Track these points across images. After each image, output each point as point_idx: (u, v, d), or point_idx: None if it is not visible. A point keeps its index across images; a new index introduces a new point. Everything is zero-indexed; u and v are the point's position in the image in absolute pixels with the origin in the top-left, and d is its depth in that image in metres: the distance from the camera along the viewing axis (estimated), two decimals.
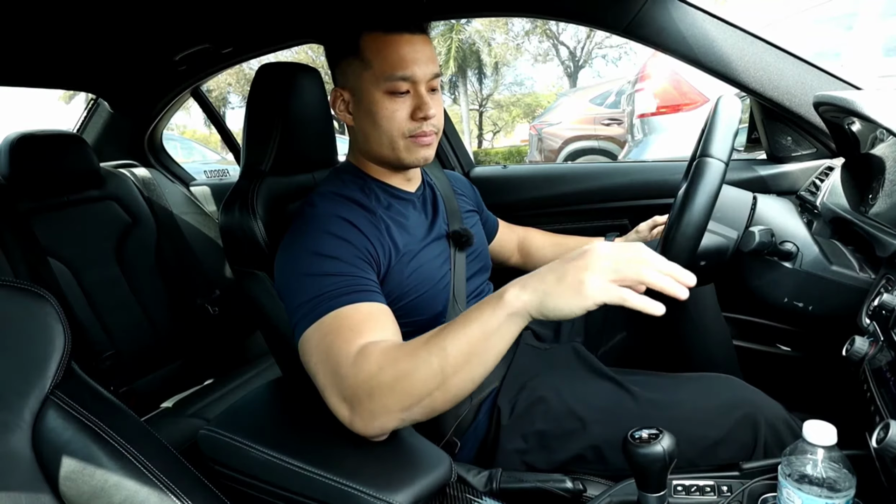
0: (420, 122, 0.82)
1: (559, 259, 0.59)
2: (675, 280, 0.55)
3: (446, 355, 0.60)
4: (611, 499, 0.71)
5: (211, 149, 7.63)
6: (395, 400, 0.62)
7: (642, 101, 3.82)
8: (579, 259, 0.57)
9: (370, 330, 0.68)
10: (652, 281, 0.55)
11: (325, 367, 0.67)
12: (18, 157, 1.44)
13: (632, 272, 0.55)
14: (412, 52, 0.81)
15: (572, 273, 0.56)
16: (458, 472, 0.77)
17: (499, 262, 1.25)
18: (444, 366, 0.60)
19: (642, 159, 3.46)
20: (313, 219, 0.80)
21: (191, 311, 1.75)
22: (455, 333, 0.60)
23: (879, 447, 0.51)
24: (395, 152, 0.85)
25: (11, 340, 0.58)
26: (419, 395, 0.61)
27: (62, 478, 0.56)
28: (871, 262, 0.87)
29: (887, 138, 0.96)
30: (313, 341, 0.69)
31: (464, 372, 0.60)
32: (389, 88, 0.81)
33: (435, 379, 0.60)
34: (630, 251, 0.56)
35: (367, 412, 0.63)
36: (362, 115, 0.85)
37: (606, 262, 0.55)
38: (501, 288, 0.60)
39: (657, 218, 1.16)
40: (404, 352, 0.63)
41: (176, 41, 1.43)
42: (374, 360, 0.63)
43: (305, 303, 0.72)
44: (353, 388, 0.64)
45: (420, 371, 0.60)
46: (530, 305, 0.57)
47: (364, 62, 0.82)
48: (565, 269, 0.56)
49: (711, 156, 0.76)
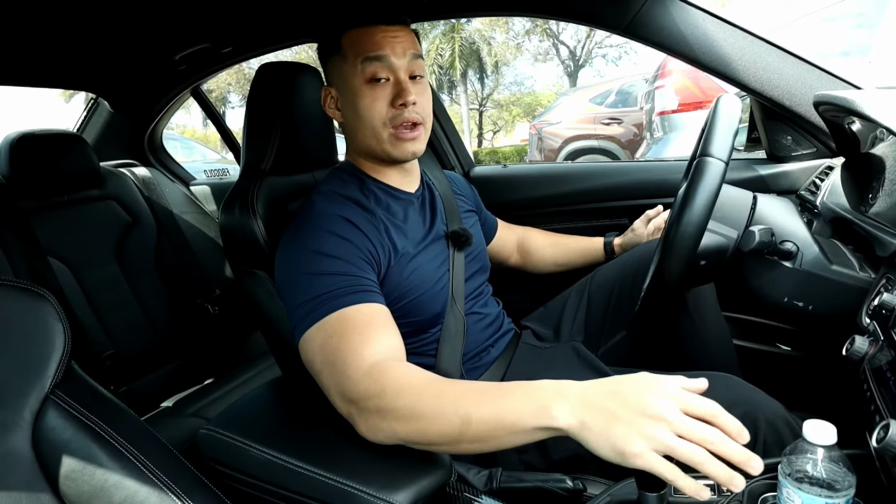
0: (400, 109, 0.82)
1: (620, 391, 0.51)
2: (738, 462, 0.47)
3: (469, 424, 0.58)
4: (611, 498, 0.71)
5: (211, 148, 7.63)
6: (405, 431, 0.62)
7: (662, 98, 3.81)
8: (637, 413, 0.49)
9: (375, 333, 0.69)
10: (712, 472, 0.47)
11: (330, 369, 0.67)
12: (18, 157, 1.44)
13: (686, 451, 0.47)
14: (386, 36, 0.81)
15: (623, 426, 0.49)
16: (459, 471, 0.77)
17: (498, 262, 1.25)
18: (462, 431, 0.58)
19: (660, 158, 3.44)
20: (314, 218, 0.80)
21: (191, 311, 1.75)
22: (487, 409, 0.57)
23: (879, 447, 0.51)
24: (380, 144, 0.84)
25: (11, 340, 0.58)
26: (429, 440, 0.61)
27: (62, 477, 0.56)
28: (871, 261, 0.87)
29: (887, 138, 0.96)
30: (316, 342, 0.69)
31: (478, 444, 0.59)
32: (368, 75, 0.81)
33: (450, 436, 0.59)
34: (701, 429, 0.48)
35: (374, 425, 0.64)
36: (348, 109, 0.85)
37: (662, 433, 0.48)
38: (553, 388, 0.55)
39: (649, 212, 1.16)
40: (428, 392, 0.61)
41: (176, 41, 1.43)
42: (392, 382, 0.63)
43: (306, 302, 0.72)
44: (363, 398, 0.64)
45: (439, 423, 0.59)
46: (572, 430, 0.53)
47: (343, 56, 0.83)
48: (618, 416, 0.50)
49: (711, 155, 0.76)
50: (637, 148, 5.45)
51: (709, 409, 0.49)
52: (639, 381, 0.52)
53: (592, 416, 0.51)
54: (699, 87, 3.58)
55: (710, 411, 0.49)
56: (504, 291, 1.16)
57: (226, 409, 0.80)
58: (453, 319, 0.90)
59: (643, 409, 0.49)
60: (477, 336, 0.95)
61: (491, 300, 1.04)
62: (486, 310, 1.00)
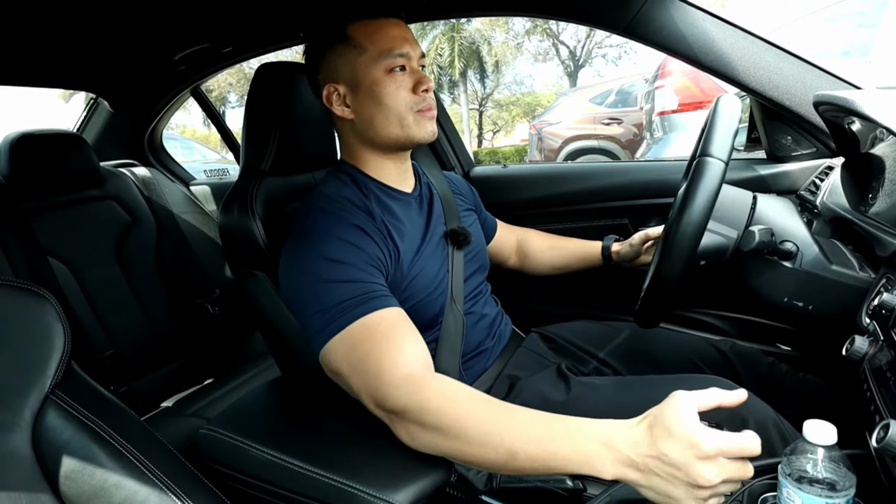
0: (422, 95, 0.85)
1: (667, 457, 0.52)
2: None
3: (515, 459, 0.59)
4: (611, 498, 0.71)
5: (210, 148, 7.63)
6: (446, 447, 0.63)
7: (662, 98, 3.80)
8: (686, 484, 0.52)
9: (402, 339, 0.70)
10: None
11: (361, 377, 0.68)
12: (18, 157, 1.44)
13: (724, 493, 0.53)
14: (401, 32, 0.86)
15: (673, 492, 0.53)
16: (459, 471, 0.77)
17: (497, 263, 1.25)
18: (506, 463, 0.60)
19: (659, 158, 3.44)
20: (319, 224, 0.80)
21: (191, 311, 1.75)
22: (534, 449, 0.58)
23: (879, 447, 0.51)
24: (405, 129, 0.86)
25: (11, 340, 0.58)
26: (469, 461, 0.63)
27: (62, 477, 0.56)
28: (870, 261, 0.87)
29: (887, 138, 0.96)
30: (341, 352, 0.70)
31: (519, 472, 0.61)
32: (388, 66, 0.83)
33: (493, 464, 0.61)
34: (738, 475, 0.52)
35: (416, 435, 0.65)
36: (364, 100, 0.85)
37: (710, 497, 0.52)
38: (599, 441, 0.56)
39: (649, 232, 1.11)
40: (473, 415, 0.62)
41: (176, 41, 1.43)
42: (434, 397, 0.64)
43: (324, 311, 0.72)
44: (403, 409, 0.65)
45: (483, 451, 0.61)
46: (617, 479, 0.56)
47: (357, 48, 0.84)
48: (669, 483, 0.52)
49: (711, 155, 0.76)
50: (637, 148, 5.45)
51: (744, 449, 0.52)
52: (683, 447, 0.52)
53: (640, 477, 0.54)
54: (699, 87, 3.58)
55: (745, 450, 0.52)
56: (503, 291, 1.16)
57: (226, 409, 0.80)
58: (453, 319, 0.89)
59: (693, 479, 0.51)
60: (476, 336, 0.95)
61: (490, 300, 1.04)
62: (485, 310, 0.99)
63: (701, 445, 0.51)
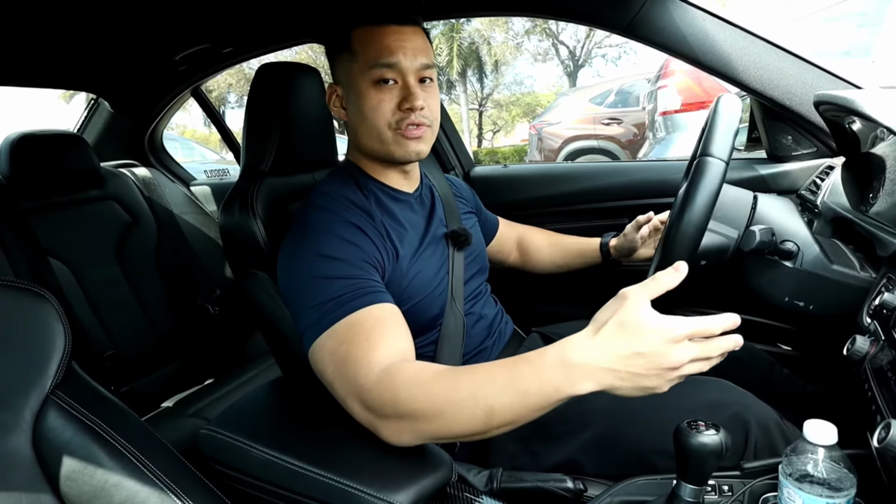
0: (406, 113, 0.81)
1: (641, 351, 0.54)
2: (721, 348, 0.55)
3: (494, 413, 0.58)
4: (611, 499, 0.71)
5: (210, 148, 7.63)
6: (428, 430, 0.62)
7: (665, 98, 3.80)
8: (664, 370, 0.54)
9: (383, 336, 0.68)
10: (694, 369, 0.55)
11: (342, 379, 0.67)
12: (19, 157, 1.44)
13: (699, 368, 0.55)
14: (398, 40, 0.80)
15: (652, 380, 0.55)
16: (459, 471, 0.77)
17: (498, 261, 1.25)
18: (488, 421, 0.59)
19: (660, 158, 3.43)
20: (317, 221, 0.79)
21: (191, 311, 1.75)
22: (507, 397, 0.58)
23: (880, 447, 0.51)
24: (384, 146, 0.83)
25: (12, 340, 0.58)
26: (454, 434, 0.62)
27: (63, 477, 0.56)
28: (871, 261, 0.87)
29: (888, 137, 0.96)
30: (326, 351, 0.69)
31: (507, 427, 0.60)
32: (375, 77, 0.80)
33: (476, 427, 0.60)
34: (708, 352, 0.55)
35: (397, 430, 0.64)
36: (352, 108, 0.85)
37: (685, 371, 0.54)
38: (566, 367, 0.56)
39: (639, 218, 1.13)
40: (441, 388, 0.61)
41: (176, 41, 1.43)
42: (403, 385, 0.62)
43: (313, 308, 0.71)
44: (379, 406, 0.64)
45: (462, 417, 0.60)
46: (598, 389, 0.57)
47: (353, 55, 0.82)
48: (647, 376, 0.54)
49: (712, 155, 0.76)
50: (637, 148, 5.45)
51: (710, 330, 0.54)
52: (656, 337, 0.53)
53: (615, 379, 0.55)
54: (702, 87, 3.58)
55: (711, 330, 0.55)
56: (504, 291, 1.16)
57: (226, 409, 0.80)
58: (453, 320, 0.89)
59: (670, 365, 0.53)
60: (475, 337, 0.95)
61: (489, 301, 1.04)
62: (485, 311, 0.99)
63: (673, 332, 0.53)
